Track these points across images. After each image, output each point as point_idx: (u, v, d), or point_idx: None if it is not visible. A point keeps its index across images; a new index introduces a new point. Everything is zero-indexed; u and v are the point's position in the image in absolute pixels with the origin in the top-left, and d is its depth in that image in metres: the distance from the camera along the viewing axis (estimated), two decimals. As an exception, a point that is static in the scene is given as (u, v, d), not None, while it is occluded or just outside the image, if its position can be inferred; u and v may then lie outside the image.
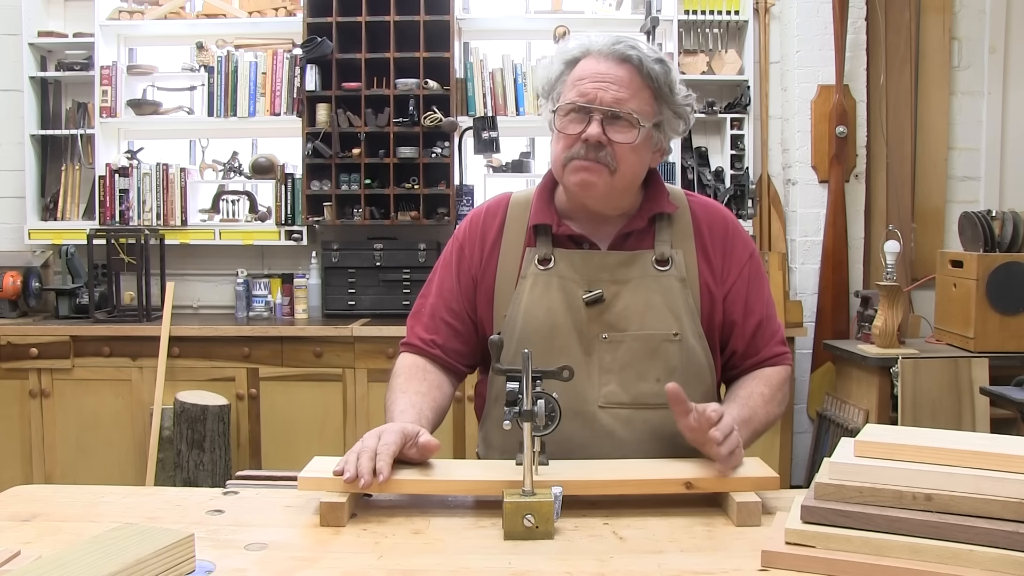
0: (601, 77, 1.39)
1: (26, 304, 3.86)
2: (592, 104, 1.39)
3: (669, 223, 1.49)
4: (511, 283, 1.48)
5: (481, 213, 1.57)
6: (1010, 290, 3.17)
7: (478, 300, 1.51)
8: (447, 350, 1.52)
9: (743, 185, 3.81)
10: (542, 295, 1.44)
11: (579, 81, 1.41)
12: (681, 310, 1.44)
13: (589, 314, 1.43)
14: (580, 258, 1.46)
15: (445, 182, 3.84)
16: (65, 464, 3.62)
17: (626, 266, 1.45)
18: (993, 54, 3.92)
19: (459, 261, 1.54)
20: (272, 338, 3.57)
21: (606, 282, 1.44)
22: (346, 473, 1.19)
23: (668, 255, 1.46)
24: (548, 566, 1.04)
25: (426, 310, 1.55)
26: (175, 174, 3.96)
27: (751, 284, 1.51)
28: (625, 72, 1.40)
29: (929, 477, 1.01)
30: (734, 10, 3.93)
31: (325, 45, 3.76)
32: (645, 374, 1.42)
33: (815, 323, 3.87)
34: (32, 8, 3.96)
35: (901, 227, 3.58)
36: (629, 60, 1.40)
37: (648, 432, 1.42)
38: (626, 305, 1.43)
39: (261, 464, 3.57)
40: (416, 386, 1.46)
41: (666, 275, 1.45)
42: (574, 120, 1.41)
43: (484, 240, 1.53)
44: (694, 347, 1.45)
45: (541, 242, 1.48)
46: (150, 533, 0.98)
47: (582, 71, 1.42)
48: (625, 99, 1.39)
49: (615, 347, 1.42)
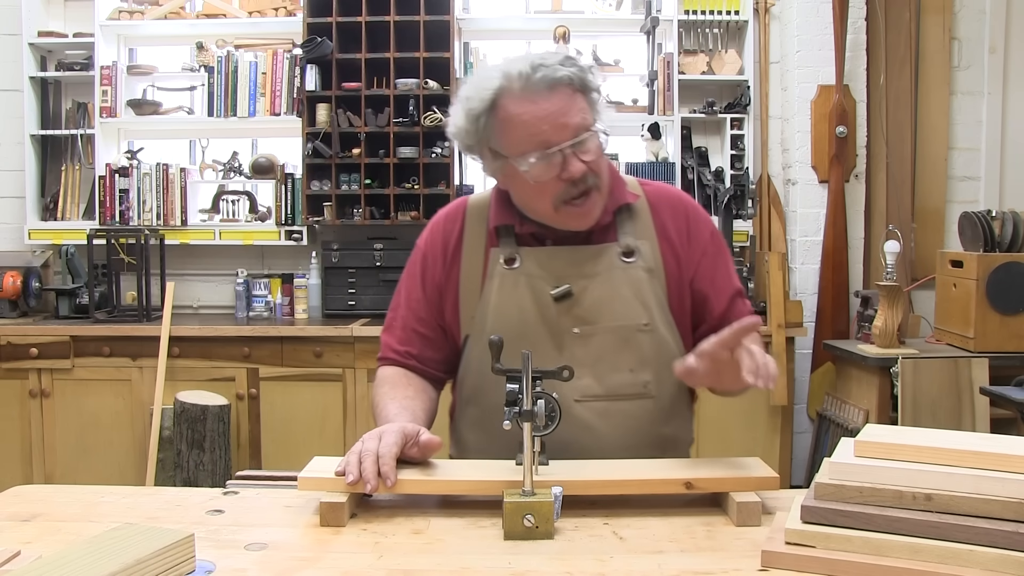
0: (547, 114, 1.34)
1: (26, 304, 3.86)
2: (558, 143, 1.34)
3: (631, 214, 1.49)
4: (476, 285, 1.47)
5: (440, 220, 1.56)
6: (1010, 290, 3.17)
7: (444, 306, 1.51)
8: (423, 359, 1.53)
9: (743, 185, 3.81)
10: (511, 294, 1.44)
11: (528, 127, 1.34)
12: (650, 300, 1.44)
13: (559, 309, 1.43)
14: (546, 255, 1.45)
15: (445, 182, 3.83)
16: (65, 464, 3.62)
17: (593, 260, 1.45)
18: (993, 54, 3.92)
19: (423, 271, 1.53)
20: (272, 338, 3.57)
21: (574, 277, 1.43)
22: (348, 475, 1.19)
23: (633, 246, 1.46)
24: (548, 566, 1.04)
25: (397, 323, 1.55)
26: (175, 174, 3.96)
27: (717, 260, 1.51)
28: (562, 96, 1.35)
29: (929, 477, 1.01)
30: (734, 10, 3.93)
31: (325, 45, 3.76)
32: (618, 365, 1.42)
33: (815, 323, 3.87)
34: (32, 8, 3.96)
35: (901, 227, 3.58)
36: (558, 83, 1.34)
37: (625, 423, 1.42)
38: (595, 298, 1.43)
39: (261, 464, 3.57)
40: (403, 391, 1.47)
41: (633, 266, 1.45)
42: (546, 168, 1.35)
43: (446, 246, 1.52)
44: (665, 336, 1.45)
45: (505, 242, 1.47)
46: (150, 533, 0.98)
47: (522, 116, 1.35)
48: (579, 119, 1.36)
49: (587, 340, 1.42)
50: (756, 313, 1.39)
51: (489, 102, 1.37)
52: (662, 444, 1.45)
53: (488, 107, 1.37)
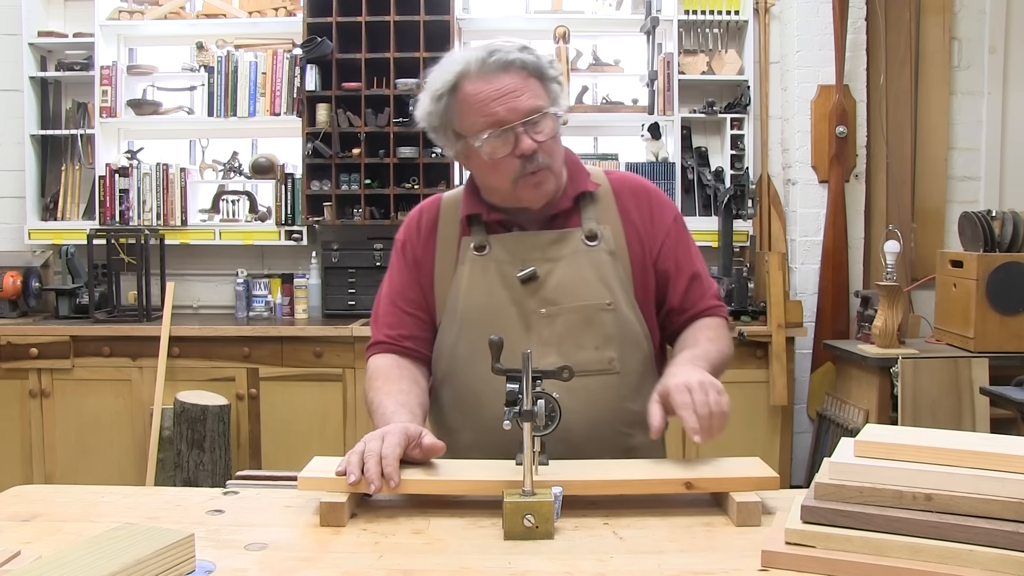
0: (500, 93, 1.42)
1: (26, 304, 3.86)
2: (509, 121, 1.41)
3: (592, 201, 1.56)
4: (450, 272, 1.54)
5: (416, 214, 1.63)
6: (1010, 290, 3.17)
7: (425, 290, 1.57)
8: (416, 340, 1.57)
9: (743, 185, 3.81)
10: (480, 278, 1.51)
11: (481, 106, 1.42)
12: (613, 281, 1.50)
13: (526, 291, 1.49)
14: (513, 240, 1.52)
15: (445, 182, 3.84)
16: (65, 464, 3.62)
17: (557, 244, 1.51)
18: (993, 54, 3.92)
19: (404, 257, 1.60)
20: (272, 338, 3.57)
21: (539, 260, 1.50)
22: (350, 475, 1.19)
23: (596, 231, 1.53)
24: (548, 566, 1.04)
25: (386, 308, 1.60)
26: (175, 174, 3.96)
27: (679, 243, 1.58)
28: (514, 77, 1.43)
29: (929, 477, 1.01)
30: (734, 10, 3.93)
31: (325, 45, 3.76)
32: (583, 343, 1.48)
33: (815, 323, 3.87)
34: (32, 8, 3.96)
35: (901, 227, 3.58)
36: (511, 65, 1.43)
37: (590, 399, 1.47)
38: (559, 280, 1.49)
39: (261, 464, 3.57)
40: (396, 385, 1.49)
41: (596, 249, 1.52)
42: (499, 145, 1.43)
43: (420, 235, 1.59)
44: (628, 316, 1.51)
45: (475, 231, 1.54)
46: (150, 533, 0.98)
47: (477, 95, 1.43)
48: (531, 101, 1.43)
49: (552, 320, 1.48)
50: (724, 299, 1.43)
51: (451, 84, 1.45)
52: (630, 420, 1.49)
53: (449, 89, 1.45)
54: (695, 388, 1.27)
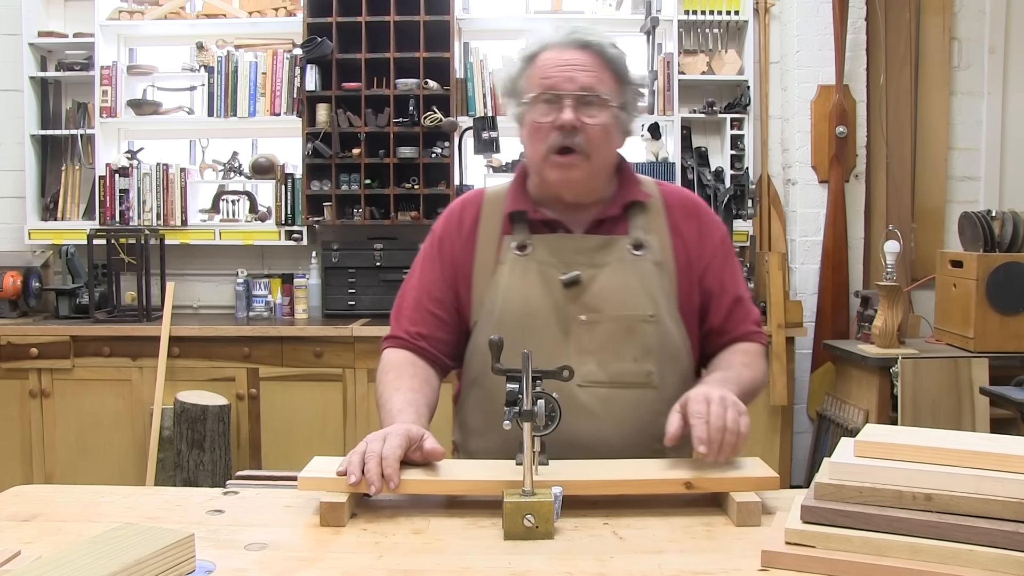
0: (566, 63, 1.43)
1: (26, 304, 3.86)
2: (561, 90, 1.42)
3: (642, 211, 1.52)
4: (489, 270, 1.50)
5: (458, 206, 1.60)
6: (1010, 290, 3.17)
7: (459, 288, 1.53)
8: (433, 341, 1.53)
9: (743, 185, 3.81)
10: (520, 279, 1.47)
11: (543, 71, 1.44)
12: (657, 292, 1.47)
13: (567, 296, 1.46)
14: (557, 241, 1.49)
15: (445, 182, 3.84)
16: (65, 464, 3.62)
17: (603, 250, 1.48)
18: (993, 54, 3.92)
19: (441, 253, 1.56)
20: (272, 338, 3.57)
21: (583, 265, 1.47)
22: (351, 476, 1.19)
23: (643, 240, 1.50)
24: (548, 566, 1.04)
25: (408, 304, 1.56)
26: (175, 174, 3.96)
27: (726, 263, 1.55)
28: (587, 57, 1.44)
29: (929, 477, 1.01)
30: (734, 10, 3.93)
31: (325, 45, 3.76)
32: (622, 354, 1.45)
33: (815, 323, 3.87)
34: (32, 8, 3.96)
35: (901, 227, 3.58)
36: (589, 46, 1.44)
37: (626, 410, 1.44)
38: (603, 287, 1.46)
39: (261, 464, 3.57)
40: (408, 382, 1.46)
41: (642, 259, 1.48)
42: (545, 111, 1.43)
43: (461, 230, 1.55)
44: (670, 328, 1.48)
45: (518, 229, 1.51)
46: (150, 533, 0.98)
47: (546, 61, 1.45)
48: (592, 82, 1.43)
49: (592, 328, 1.45)
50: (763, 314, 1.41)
51: (532, 51, 1.48)
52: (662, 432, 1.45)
53: (529, 55, 1.48)
54: (714, 401, 1.25)
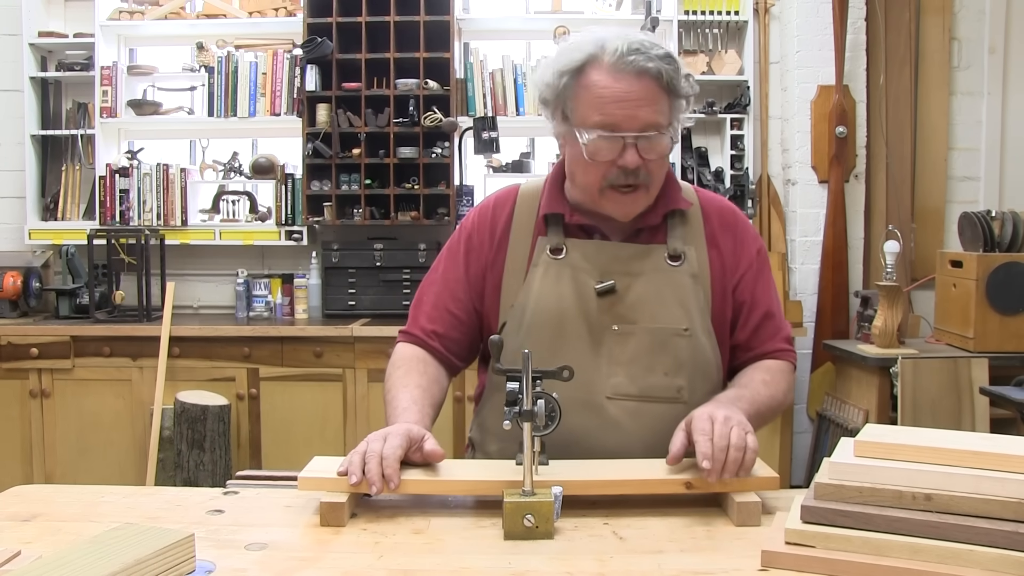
0: (625, 97, 1.33)
1: (26, 304, 3.86)
2: (623, 131, 1.34)
3: (682, 219, 1.48)
4: (520, 272, 1.46)
5: (490, 204, 1.55)
6: (1010, 290, 3.17)
7: (486, 289, 1.50)
8: (447, 341, 1.51)
9: (743, 185, 3.81)
10: (554, 284, 1.43)
11: (600, 103, 1.34)
12: (692, 305, 1.43)
13: (600, 305, 1.42)
14: (593, 248, 1.45)
15: (445, 182, 3.84)
16: (65, 464, 3.62)
17: (639, 259, 1.44)
18: (993, 54, 3.91)
19: (467, 251, 1.52)
20: (272, 338, 3.57)
21: (619, 273, 1.43)
22: (352, 476, 1.19)
23: (681, 251, 1.45)
24: (548, 566, 1.04)
25: (428, 299, 1.54)
26: (175, 174, 3.96)
27: (759, 277, 1.50)
28: (646, 87, 1.34)
29: (929, 477, 1.01)
30: (734, 10, 3.93)
31: (325, 45, 3.76)
32: (653, 367, 1.41)
33: (815, 323, 3.87)
34: (32, 8, 3.96)
35: (901, 227, 3.58)
36: (647, 73, 1.33)
37: (655, 425, 1.40)
38: (637, 297, 1.42)
39: (261, 464, 3.57)
40: (416, 379, 1.45)
41: (678, 270, 1.44)
42: (605, 148, 1.35)
43: (494, 229, 1.51)
44: (703, 343, 1.44)
45: (553, 231, 1.46)
46: (150, 533, 0.98)
47: (600, 89, 1.34)
48: (654, 117, 1.34)
49: (625, 339, 1.41)
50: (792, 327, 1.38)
51: (578, 64, 1.36)
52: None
53: (575, 68, 1.36)
54: (718, 420, 1.22)
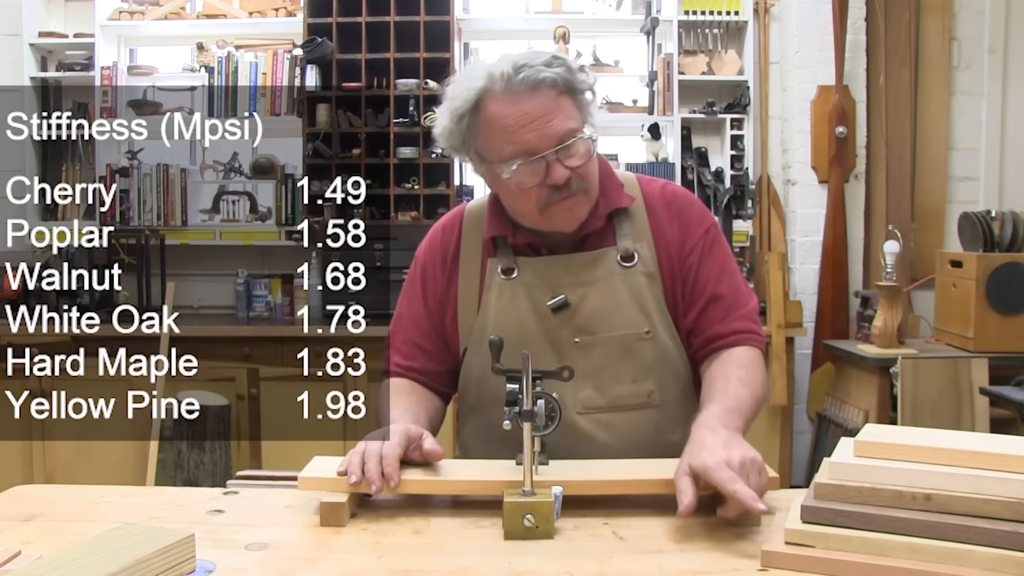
0: (530, 118, 1.29)
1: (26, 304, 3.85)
2: (541, 151, 1.30)
3: (627, 215, 1.43)
4: (475, 296, 1.45)
5: (439, 230, 1.53)
6: (1010, 290, 3.17)
7: (445, 317, 1.49)
8: (427, 373, 1.51)
9: (743, 185, 3.81)
10: (509, 304, 1.41)
11: (507, 133, 1.30)
12: (650, 306, 1.40)
13: (558, 320, 1.39)
14: (543, 264, 1.42)
15: (445, 182, 3.84)
16: (65, 464, 3.61)
17: (590, 267, 1.41)
18: (993, 54, 3.91)
19: (423, 284, 1.51)
20: (272, 338, 3.56)
21: (570, 286, 1.40)
22: (351, 475, 1.19)
23: (632, 249, 1.41)
24: (548, 566, 1.04)
25: (400, 337, 1.54)
26: (175, 174, 3.96)
27: (706, 256, 1.44)
28: (545, 99, 1.30)
29: (929, 477, 1.01)
30: (734, 10, 3.93)
31: (325, 45, 3.76)
32: (620, 376, 1.39)
33: (815, 323, 3.87)
34: (32, 8, 3.96)
35: (901, 227, 3.58)
36: (541, 84, 1.30)
37: (629, 434, 1.40)
38: (594, 307, 1.39)
39: (261, 464, 3.57)
40: (407, 397, 1.45)
41: (632, 271, 1.41)
42: (529, 173, 1.31)
43: (444, 256, 1.49)
44: (666, 343, 1.42)
45: (501, 252, 1.43)
46: (150, 533, 0.98)
47: (502, 119, 1.30)
48: (565, 124, 1.31)
49: (588, 351, 1.39)
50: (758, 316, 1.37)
51: (473, 102, 1.32)
52: (671, 452, 1.38)
53: (471, 107, 1.33)
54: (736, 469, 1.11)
